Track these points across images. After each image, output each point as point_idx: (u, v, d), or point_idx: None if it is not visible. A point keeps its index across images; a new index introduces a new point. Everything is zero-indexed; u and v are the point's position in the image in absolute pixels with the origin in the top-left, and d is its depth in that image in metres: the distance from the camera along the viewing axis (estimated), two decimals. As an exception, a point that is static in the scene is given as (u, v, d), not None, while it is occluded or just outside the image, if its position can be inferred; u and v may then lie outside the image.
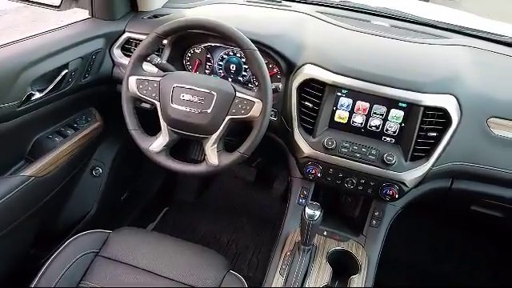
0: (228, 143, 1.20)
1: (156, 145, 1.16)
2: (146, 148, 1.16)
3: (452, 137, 1.15)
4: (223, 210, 2.13)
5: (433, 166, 1.16)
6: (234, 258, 1.89)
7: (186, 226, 2.04)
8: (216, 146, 1.13)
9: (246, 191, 2.23)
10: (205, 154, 1.14)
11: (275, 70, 1.31)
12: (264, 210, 2.14)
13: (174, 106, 1.11)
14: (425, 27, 1.49)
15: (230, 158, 1.13)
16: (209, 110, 1.10)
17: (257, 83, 1.14)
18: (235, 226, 2.05)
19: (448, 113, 1.12)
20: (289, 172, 1.41)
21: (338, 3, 1.64)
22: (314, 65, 1.20)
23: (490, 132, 1.17)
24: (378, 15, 1.56)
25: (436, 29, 1.49)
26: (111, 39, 1.40)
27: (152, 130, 1.19)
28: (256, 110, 1.09)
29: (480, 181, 1.23)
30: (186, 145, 2.18)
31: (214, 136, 1.12)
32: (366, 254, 1.25)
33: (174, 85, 1.12)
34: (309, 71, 1.20)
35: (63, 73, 1.23)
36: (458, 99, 1.14)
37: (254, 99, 1.10)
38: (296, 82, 1.21)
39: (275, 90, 1.18)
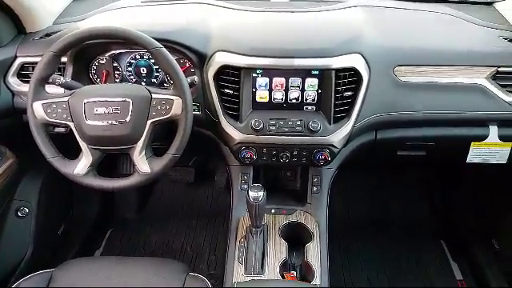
0: (158, 148, 1.17)
1: (80, 167, 1.10)
2: (71, 173, 1.10)
3: (366, 92, 1.22)
4: (169, 217, 2.08)
5: (355, 123, 1.23)
6: (192, 260, 1.87)
7: (135, 243, 1.97)
8: (144, 153, 1.10)
9: (188, 192, 2.19)
10: (135, 165, 1.10)
11: (187, 64, 1.30)
12: (211, 206, 2.13)
13: (90, 122, 1.06)
14: None
15: (161, 163, 1.10)
16: (127, 119, 1.06)
17: (172, 81, 1.11)
18: (185, 229, 2.02)
19: (358, 71, 1.19)
20: (225, 161, 1.41)
21: None
22: (225, 51, 1.20)
23: (398, 80, 1.26)
24: None
25: None
26: (2, 68, 1.28)
27: (73, 153, 1.12)
28: (177, 108, 1.07)
29: (399, 126, 1.32)
30: (113, 160, 2.09)
31: (140, 144, 1.08)
32: (315, 220, 1.30)
33: (85, 101, 1.06)
34: (221, 59, 1.20)
35: None
36: (364, 56, 1.21)
37: (172, 97, 1.07)
38: (211, 72, 1.21)
39: (192, 84, 1.16)
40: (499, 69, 1.27)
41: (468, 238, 1.85)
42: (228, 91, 1.22)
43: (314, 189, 1.34)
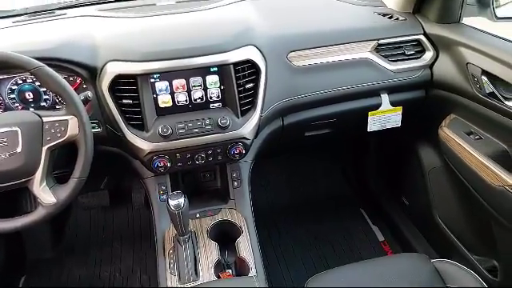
0: (63, 176, 1.07)
1: (-29, 213, 0.96)
2: None
3: (266, 82, 1.25)
4: (90, 247, 1.93)
5: (261, 112, 1.25)
6: (123, 285, 1.76)
7: (57, 283, 1.79)
8: (45, 183, 1.00)
9: (106, 217, 2.06)
10: (37, 198, 1.00)
11: (78, 80, 1.20)
12: (133, 226, 2.02)
13: None
14: None
15: (67, 189, 1.01)
16: (18, 149, 0.95)
17: (63, 101, 1.03)
18: (110, 255, 1.89)
19: (254, 62, 1.21)
20: (139, 176, 1.34)
21: None
22: (116, 61, 1.14)
23: (293, 65, 1.32)
24: None
25: None
26: None
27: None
28: (73, 128, 0.99)
29: (303, 109, 1.38)
30: (11, 198, 1.88)
31: (38, 174, 0.98)
32: (241, 214, 1.30)
33: None
34: (113, 69, 1.13)
35: None
36: (257, 47, 1.24)
37: (66, 117, 0.99)
38: (105, 85, 1.14)
39: (86, 100, 1.08)
40: (379, 41, 1.39)
41: (382, 201, 2.00)
42: (127, 101, 1.16)
43: (235, 184, 1.34)
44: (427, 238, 1.73)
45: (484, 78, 1.20)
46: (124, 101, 1.16)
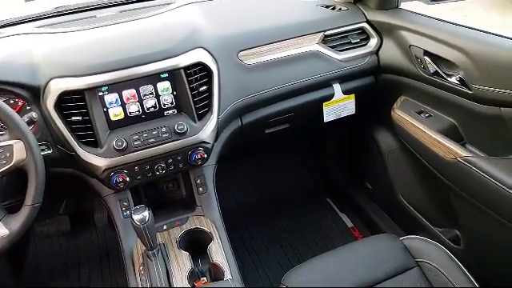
0: (16, 205, 1.01)
1: None
2: None
3: (220, 83, 1.24)
4: (55, 277, 1.83)
5: (218, 114, 1.24)
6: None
7: None
8: None
9: (68, 243, 1.96)
10: None
11: (20, 102, 1.13)
12: (99, 247, 1.94)
13: None
14: (151, 1, 1.53)
15: (20, 218, 0.95)
16: None
17: (5, 125, 0.96)
18: (77, 283, 1.80)
19: (205, 64, 1.20)
20: (98, 194, 1.29)
21: (52, 12, 1.51)
22: (60, 77, 1.09)
23: (244, 64, 1.32)
24: (101, 7, 1.51)
25: None
26: None
27: None
28: (20, 153, 0.93)
29: (259, 107, 1.38)
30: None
31: None
32: (210, 219, 1.28)
33: None
34: (57, 86, 1.08)
35: None
36: (207, 49, 1.22)
37: (10, 142, 0.93)
38: (50, 103, 1.08)
39: (31, 122, 1.02)
40: (325, 33, 1.41)
41: (346, 189, 2.04)
42: (76, 118, 1.11)
43: (200, 189, 1.32)
44: (393, 218, 1.78)
45: (427, 58, 1.25)
46: (73, 118, 1.11)
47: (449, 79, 1.20)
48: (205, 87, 1.21)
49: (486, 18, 1.40)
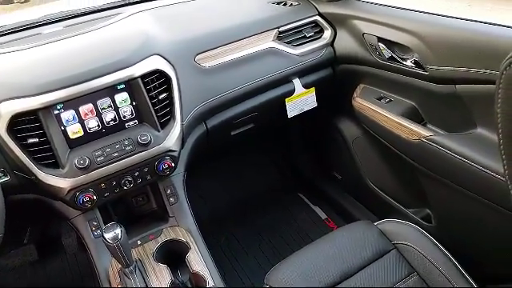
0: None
1: None
2: None
3: (180, 88, 1.21)
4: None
5: (182, 121, 1.21)
6: None
7: None
8: None
9: (37, 273, 1.86)
10: None
11: (-34, 131, 1.06)
12: (71, 273, 1.86)
13: None
14: (98, 13, 1.47)
15: None
16: None
17: None
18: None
19: (162, 71, 1.17)
20: (65, 217, 1.23)
21: None
22: (9, 99, 1.03)
23: (202, 67, 1.30)
24: (45, 24, 1.44)
25: (108, 10, 1.50)
26: None
27: None
28: None
29: (222, 109, 1.37)
30: None
31: None
32: (184, 229, 1.25)
33: None
34: (7, 109, 1.02)
35: None
36: (162, 56, 1.19)
37: None
38: (1, 128, 1.02)
39: None
40: (279, 29, 1.42)
41: (316, 181, 2.07)
42: (33, 140, 1.05)
43: (171, 200, 1.29)
44: (365, 205, 1.81)
45: (381, 44, 1.29)
46: (29, 140, 1.05)
47: (404, 63, 1.23)
48: (164, 94, 1.18)
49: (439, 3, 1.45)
